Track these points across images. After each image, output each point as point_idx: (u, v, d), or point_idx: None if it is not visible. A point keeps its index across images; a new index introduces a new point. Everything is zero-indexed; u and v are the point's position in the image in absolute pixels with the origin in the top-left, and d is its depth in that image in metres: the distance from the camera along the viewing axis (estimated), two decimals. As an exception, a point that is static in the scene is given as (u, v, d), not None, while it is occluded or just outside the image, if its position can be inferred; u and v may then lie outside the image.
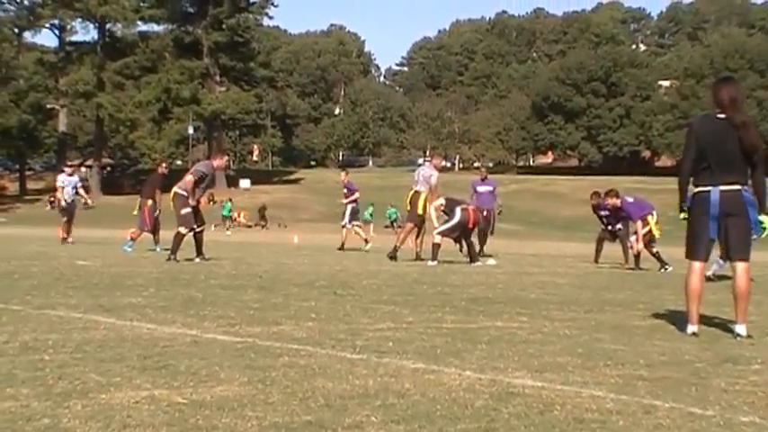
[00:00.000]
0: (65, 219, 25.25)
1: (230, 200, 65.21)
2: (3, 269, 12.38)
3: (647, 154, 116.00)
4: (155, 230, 21.51)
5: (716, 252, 8.26)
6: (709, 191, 7.11)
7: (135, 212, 22.14)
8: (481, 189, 22.07)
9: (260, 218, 64.22)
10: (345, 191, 25.30)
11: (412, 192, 18.93)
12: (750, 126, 7.14)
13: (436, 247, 17.45)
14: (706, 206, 7.12)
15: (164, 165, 22.96)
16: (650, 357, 5.80)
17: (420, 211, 18.61)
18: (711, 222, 7.14)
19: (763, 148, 7.19)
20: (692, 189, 7.31)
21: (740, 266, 7.20)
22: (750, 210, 7.14)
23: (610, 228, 19.45)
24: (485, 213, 21.60)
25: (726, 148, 7.04)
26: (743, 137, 7.01)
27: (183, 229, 16.17)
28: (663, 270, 17.34)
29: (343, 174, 26.51)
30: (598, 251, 20.11)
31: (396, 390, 4.42)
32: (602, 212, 19.46)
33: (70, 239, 24.56)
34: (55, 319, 6.85)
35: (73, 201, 25.66)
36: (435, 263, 17.00)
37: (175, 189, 16.53)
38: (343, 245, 24.91)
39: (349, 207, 25.18)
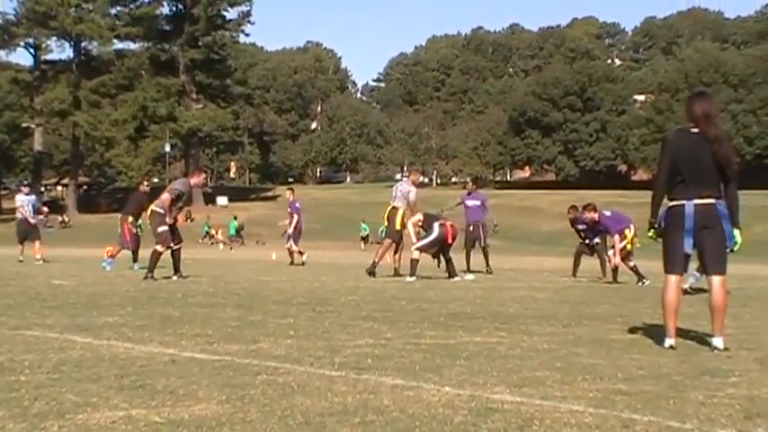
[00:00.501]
0: (24, 239, 25.02)
1: (208, 217, 65.14)
2: (-22, 289, 12.28)
3: (623, 168, 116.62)
4: (135, 248, 21.47)
5: (693, 265, 8.30)
6: (683, 204, 7.14)
7: (119, 230, 22.13)
8: (470, 203, 22.19)
9: (236, 235, 64.18)
10: (289, 210, 25.99)
11: (390, 207, 18.92)
12: (723, 140, 7.18)
13: (415, 262, 17.43)
14: (681, 220, 7.15)
15: (145, 183, 22.95)
16: (628, 371, 5.81)
17: (398, 227, 18.59)
18: (686, 236, 7.17)
19: (736, 162, 7.25)
20: (666, 203, 7.34)
21: (716, 280, 7.23)
22: (725, 222, 7.17)
23: (587, 242, 19.48)
24: (471, 228, 21.77)
25: (700, 161, 7.09)
26: (716, 151, 7.05)
27: (159, 247, 16.10)
28: (640, 284, 17.39)
29: (288, 192, 26.79)
30: (576, 265, 20.13)
31: (375, 406, 4.41)
32: (580, 226, 19.49)
33: (39, 256, 24.36)
34: (31, 340, 6.80)
35: (32, 220, 25.41)
36: (414, 278, 16.99)
37: (152, 207, 16.45)
38: (292, 261, 25.62)
39: (290, 231, 25.87)
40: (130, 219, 21.32)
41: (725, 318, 7.29)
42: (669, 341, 7.21)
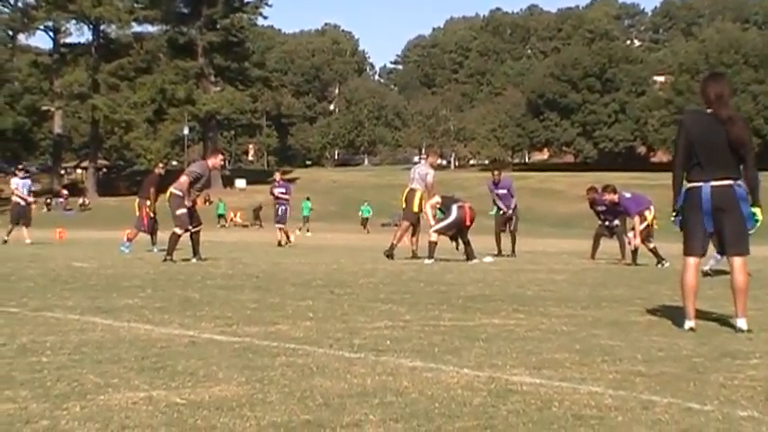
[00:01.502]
0: (17, 222, 25.17)
1: (220, 199, 65.20)
2: (0, 271, 12.37)
3: (642, 150, 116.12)
4: (152, 231, 21.57)
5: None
6: (700, 186, 7.15)
7: (137, 214, 22.30)
8: (499, 192, 22.31)
9: (254, 218, 64.19)
10: (282, 191, 27.16)
11: (407, 190, 18.91)
12: (737, 120, 7.17)
13: (433, 244, 17.43)
14: (698, 202, 7.16)
15: (160, 165, 23.04)
16: (648, 353, 5.80)
17: (416, 209, 18.58)
18: (706, 217, 7.17)
19: (751, 141, 7.24)
20: (685, 185, 7.33)
21: (737, 261, 7.24)
22: (743, 204, 7.16)
23: (607, 223, 19.44)
24: (501, 213, 21.88)
25: (714, 143, 7.09)
26: (729, 131, 7.05)
27: (178, 230, 16.15)
28: (660, 266, 17.35)
29: (277, 174, 27.44)
30: (595, 247, 20.08)
31: (394, 388, 4.42)
32: (599, 208, 19.45)
33: (28, 240, 24.49)
34: (52, 321, 6.84)
35: (28, 202, 25.62)
36: (432, 261, 17.00)
37: (171, 189, 16.48)
38: (280, 242, 26.53)
39: (280, 208, 27.01)
40: (147, 203, 21.43)
41: (747, 299, 7.27)
42: (689, 323, 7.19)
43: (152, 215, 21.48)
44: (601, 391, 4.44)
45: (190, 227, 16.32)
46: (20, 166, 29.29)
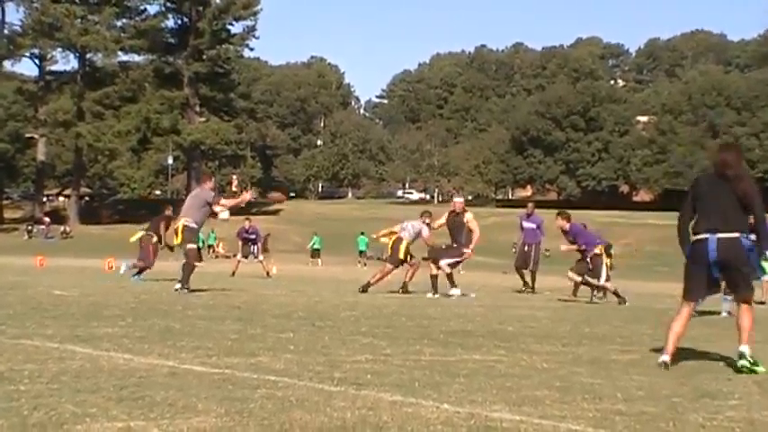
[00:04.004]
0: None
1: (212, 230, 64.99)
2: (-22, 298, 12.28)
3: (625, 188, 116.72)
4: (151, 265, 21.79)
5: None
6: (706, 238, 7.55)
7: (132, 239, 22.49)
8: (526, 225, 22.75)
9: (263, 249, 62.55)
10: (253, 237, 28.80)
11: (395, 237, 19.04)
12: (743, 178, 7.74)
13: (449, 276, 17.72)
14: (704, 252, 7.55)
15: (170, 208, 23.23)
16: (628, 392, 5.81)
17: (401, 256, 18.73)
18: (713, 267, 7.57)
19: (759, 196, 7.70)
20: (692, 237, 7.77)
21: (743, 307, 7.73)
22: (750, 255, 7.62)
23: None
24: (526, 249, 22.35)
25: (721, 198, 7.60)
26: (736, 187, 7.57)
27: (192, 262, 16.08)
28: (595, 299, 17.98)
29: (247, 222, 29.08)
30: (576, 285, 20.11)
31: (373, 422, 4.41)
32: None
33: None
34: (31, 349, 6.80)
35: None
36: (456, 291, 17.53)
37: (185, 222, 16.29)
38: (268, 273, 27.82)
39: (254, 247, 28.64)
40: (155, 239, 21.78)
41: (749, 333, 7.57)
42: (664, 357, 7.44)
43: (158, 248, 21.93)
44: (581, 430, 4.44)
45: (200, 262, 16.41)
46: None
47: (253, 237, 28.80)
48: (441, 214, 19.33)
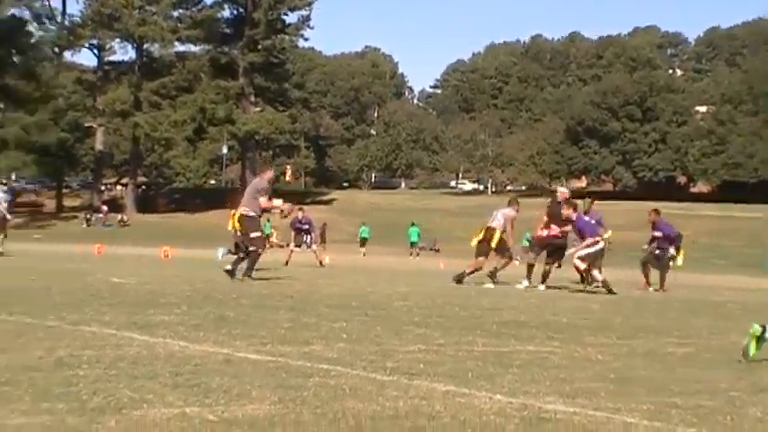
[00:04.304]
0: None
1: (268, 219, 65.19)
2: (39, 285, 12.50)
3: (682, 179, 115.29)
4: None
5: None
6: None
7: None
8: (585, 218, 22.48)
9: (321, 240, 61.98)
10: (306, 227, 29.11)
11: (485, 227, 19.01)
12: None
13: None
14: None
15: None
16: (684, 385, 5.74)
17: (494, 245, 18.71)
18: None
19: None
20: None
21: None
22: None
23: (657, 252, 19.55)
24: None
25: None
26: None
27: (259, 250, 16.24)
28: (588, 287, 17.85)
29: (300, 213, 29.04)
30: (646, 274, 20.09)
31: (426, 412, 4.41)
32: (656, 233, 19.66)
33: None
34: (89, 336, 6.90)
35: (6, 215, 26.33)
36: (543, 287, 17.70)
37: (243, 212, 16.39)
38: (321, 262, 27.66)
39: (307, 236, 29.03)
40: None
41: None
42: None
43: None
44: (635, 422, 4.41)
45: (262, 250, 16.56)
46: (2, 180, 29.69)
47: (306, 227, 28.99)
48: (497, 205, 19.28)
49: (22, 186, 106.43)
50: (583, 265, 17.80)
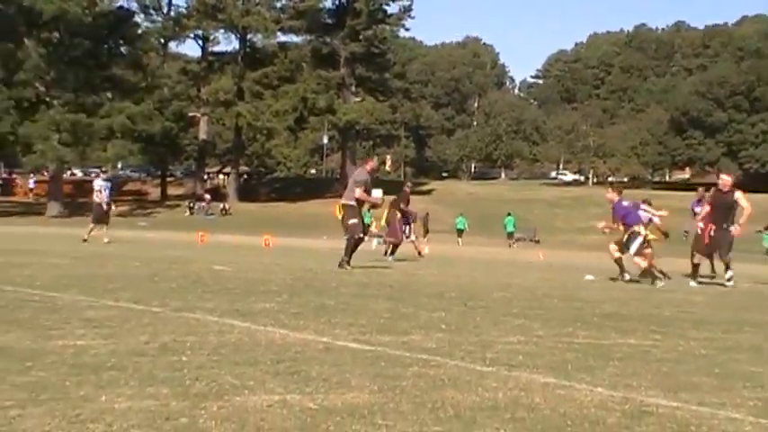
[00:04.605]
0: (99, 221, 26.14)
1: (368, 209, 65.40)
2: (144, 272, 12.78)
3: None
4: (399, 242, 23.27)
5: None
6: None
7: (382, 223, 24.00)
8: (698, 209, 22.22)
9: (424, 231, 61.54)
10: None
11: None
12: None
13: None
14: None
15: (409, 184, 24.26)
16: (791, 381, 5.60)
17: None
18: None
19: None
20: None
21: None
22: None
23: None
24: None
25: None
26: None
27: (356, 235, 16.56)
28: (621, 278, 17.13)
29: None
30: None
31: (525, 403, 4.39)
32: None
33: (106, 239, 25.30)
34: (192, 322, 7.04)
35: (109, 203, 26.72)
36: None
37: (343, 201, 16.94)
38: (420, 253, 26.76)
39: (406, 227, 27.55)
40: (399, 215, 22.89)
41: None
42: None
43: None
44: (741, 418, 4.32)
45: (360, 235, 16.77)
46: (103, 169, 30.26)
47: (405, 217, 28.78)
48: (597, 196, 19.10)
49: (128, 174, 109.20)
50: (642, 262, 17.32)
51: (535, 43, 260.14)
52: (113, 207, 27.13)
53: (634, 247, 17.09)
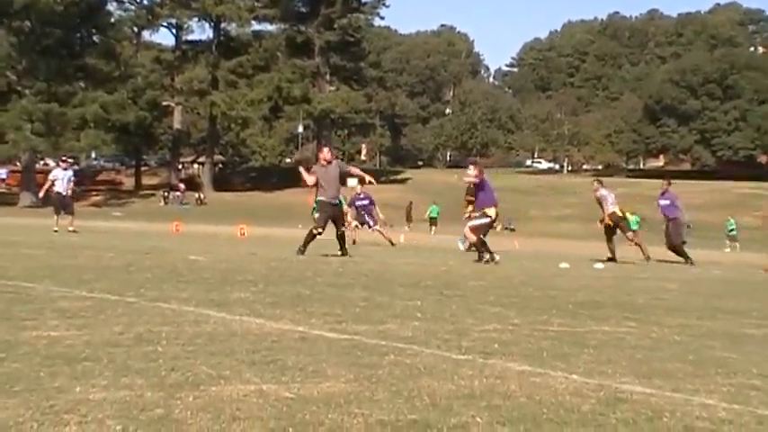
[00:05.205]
0: (59, 211, 26.08)
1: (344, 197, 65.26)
2: (119, 262, 12.72)
3: (763, 159, 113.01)
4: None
5: None
6: None
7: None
8: (662, 202, 23.49)
9: (407, 219, 61.35)
10: (365, 203, 27.98)
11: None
12: None
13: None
14: None
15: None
16: (764, 367, 5.65)
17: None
18: None
19: None
20: None
21: None
22: None
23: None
24: (665, 225, 23.56)
25: None
26: None
27: (317, 230, 17.07)
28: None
29: (359, 186, 27.70)
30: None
31: (501, 391, 4.41)
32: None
33: (71, 228, 25.28)
34: (168, 312, 7.01)
35: (67, 193, 26.52)
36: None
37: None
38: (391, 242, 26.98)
39: (367, 216, 28.00)
40: (470, 207, 23.47)
41: None
42: None
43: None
44: (714, 404, 4.35)
45: (320, 229, 17.14)
46: (63, 158, 30.07)
47: (365, 202, 27.91)
48: (572, 184, 19.22)
49: (101, 164, 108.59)
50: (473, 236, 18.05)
51: (510, 32, 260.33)
52: (69, 193, 26.73)
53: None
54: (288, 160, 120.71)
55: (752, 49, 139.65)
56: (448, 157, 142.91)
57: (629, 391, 4.56)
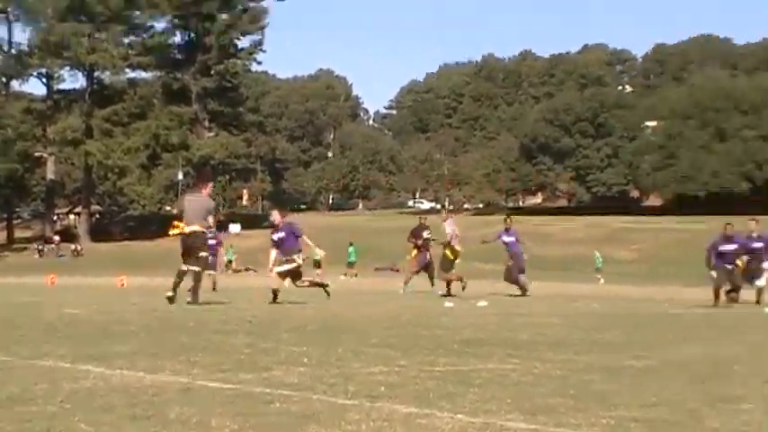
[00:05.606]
0: None
1: (231, 245, 64.75)
2: (-9, 318, 12.29)
3: (635, 193, 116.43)
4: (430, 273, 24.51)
5: None
6: None
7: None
8: (507, 239, 24.50)
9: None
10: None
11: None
12: None
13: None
14: None
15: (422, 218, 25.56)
16: (643, 398, 5.77)
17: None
18: None
19: None
20: None
21: None
22: None
23: (730, 265, 20.20)
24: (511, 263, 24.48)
25: None
26: None
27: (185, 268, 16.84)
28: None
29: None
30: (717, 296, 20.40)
31: (388, 435, 4.39)
32: (728, 247, 20.39)
33: None
34: (44, 370, 6.78)
35: None
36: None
37: (196, 227, 16.76)
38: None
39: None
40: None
41: None
42: None
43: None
44: (596, 437, 4.41)
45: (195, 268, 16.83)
46: None
47: (213, 242, 24.41)
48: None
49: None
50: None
51: (387, 75, 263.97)
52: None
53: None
54: (168, 208, 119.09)
55: (620, 87, 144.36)
56: (330, 200, 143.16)
57: (513, 428, 4.59)
